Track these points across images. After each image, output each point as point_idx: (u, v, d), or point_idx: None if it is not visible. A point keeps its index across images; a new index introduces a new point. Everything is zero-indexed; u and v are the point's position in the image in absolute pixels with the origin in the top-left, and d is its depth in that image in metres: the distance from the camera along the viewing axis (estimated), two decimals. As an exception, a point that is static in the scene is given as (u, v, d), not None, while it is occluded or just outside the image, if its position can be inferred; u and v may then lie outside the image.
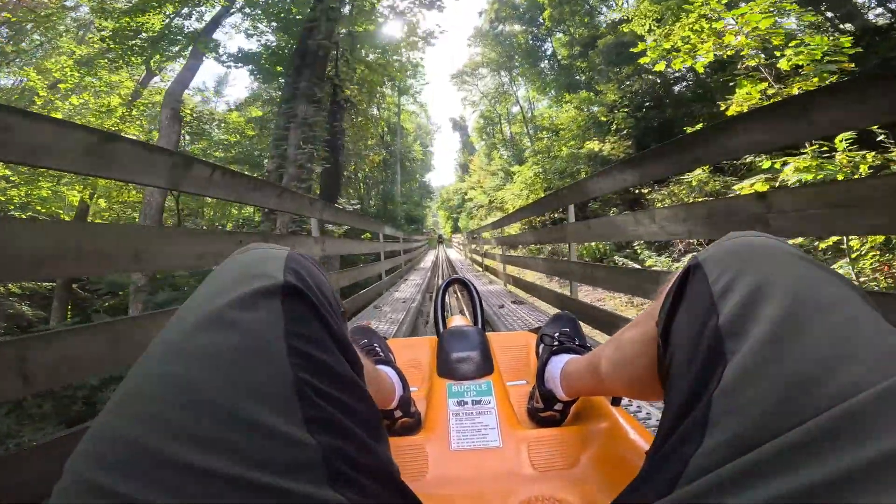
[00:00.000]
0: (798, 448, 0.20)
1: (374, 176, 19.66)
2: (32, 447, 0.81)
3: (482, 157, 25.66)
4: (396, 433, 0.67)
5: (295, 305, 0.29)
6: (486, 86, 24.88)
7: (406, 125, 24.55)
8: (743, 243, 0.32)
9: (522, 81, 21.24)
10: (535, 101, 21.82)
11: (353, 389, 0.30)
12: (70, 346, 0.87)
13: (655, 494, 0.25)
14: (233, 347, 0.26)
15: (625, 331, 0.47)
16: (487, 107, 25.54)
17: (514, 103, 23.26)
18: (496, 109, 25.09)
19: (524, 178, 11.90)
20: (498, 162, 17.96)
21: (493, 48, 21.43)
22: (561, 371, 0.65)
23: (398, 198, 20.53)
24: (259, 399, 0.24)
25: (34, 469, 0.76)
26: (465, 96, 27.39)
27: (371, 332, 0.82)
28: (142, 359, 0.26)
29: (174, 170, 1.24)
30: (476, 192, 22.95)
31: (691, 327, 0.30)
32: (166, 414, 0.23)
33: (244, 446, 0.23)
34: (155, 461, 0.21)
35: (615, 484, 0.52)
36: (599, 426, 0.64)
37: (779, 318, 0.25)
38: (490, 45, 21.67)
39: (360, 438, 0.28)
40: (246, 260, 0.33)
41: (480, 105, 26.06)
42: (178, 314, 0.29)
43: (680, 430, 0.26)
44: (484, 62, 23.30)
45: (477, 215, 20.32)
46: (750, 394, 0.23)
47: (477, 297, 0.97)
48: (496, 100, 24.28)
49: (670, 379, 0.31)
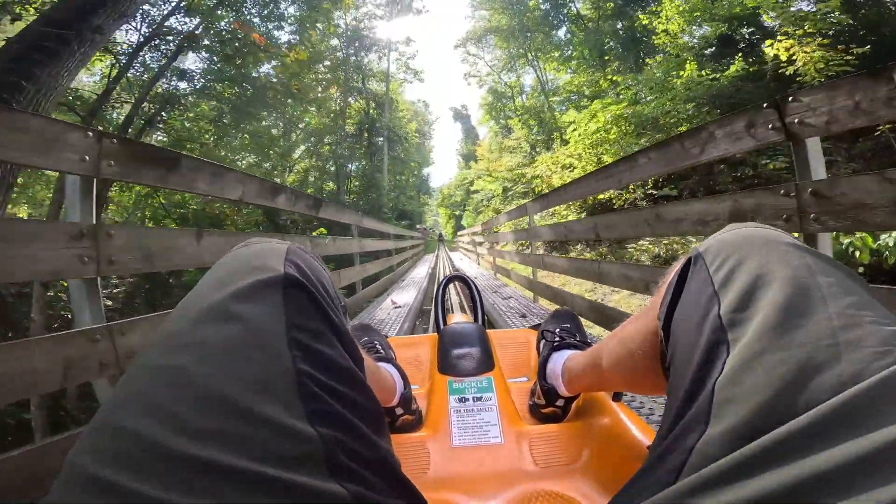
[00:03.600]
0: (801, 436, 0.20)
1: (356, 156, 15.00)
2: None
3: (493, 137, 20.94)
4: (398, 430, 0.67)
5: (295, 298, 0.29)
6: (495, 58, 20.57)
7: (395, 96, 19.75)
8: (743, 234, 0.32)
9: (532, 57, 17.06)
10: (555, 73, 17.52)
11: (354, 382, 0.30)
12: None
13: (659, 485, 0.24)
14: (234, 340, 0.26)
15: (625, 325, 0.47)
16: (496, 80, 21.09)
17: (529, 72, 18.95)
18: (507, 82, 20.65)
19: (588, 131, 7.14)
20: (519, 133, 13.29)
21: (503, 10, 17.15)
22: (562, 367, 0.65)
23: (384, 184, 15.73)
24: (260, 391, 0.24)
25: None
26: (468, 70, 22.93)
27: (371, 330, 0.82)
28: (143, 351, 0.27)
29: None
30: (485, 181, 18.43)
31: (693, 317, 0.30)
32: (168, 407, 0.23)
33: (246, 438, 0.22)
34: (156, 454, 0.21)
35: (617, 479, 0.52)
36: (601, 422, 0.63)
37: (780, 307, 0.25)
38: (498, 6, 17.42)
39: (361, 431, 0.28)
40: (246, 253, 0.33)
41: (488, 80, 21.64)
42: (180, 307, 0.29)
43: (683, 420, 0.26)
44: (493, 28, 19.03)
45: (489, 207, 15.59)
46: (753, 382, 0.23)
47: (477, 293, 0.96)
48: (510, 68, 19.67)
49: (672, 370, 0.31)
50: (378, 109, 17.63)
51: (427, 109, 32.98)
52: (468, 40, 21.33)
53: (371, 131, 16.77)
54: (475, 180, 20.95)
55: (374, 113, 17.38)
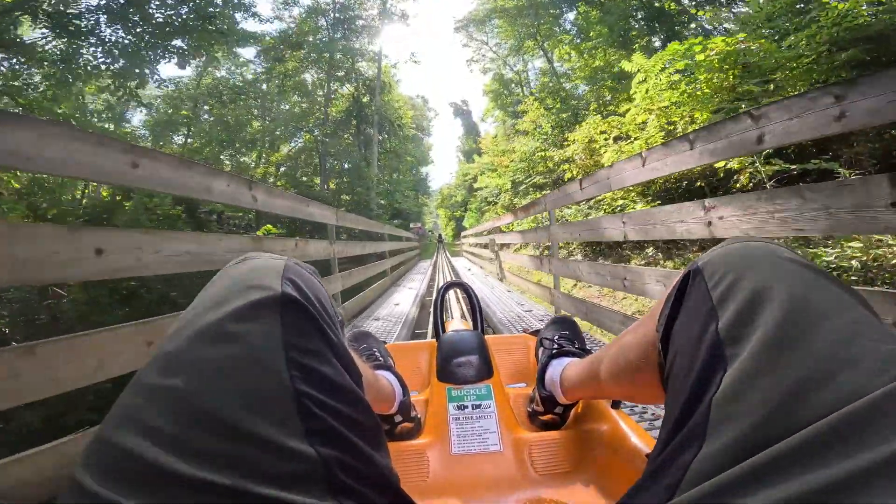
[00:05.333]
0: (798, 453, 0.19)
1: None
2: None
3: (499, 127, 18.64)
4: (397, 438, 0.66)
5: (293, 317, 0.29)
6: (501, 41, 18.38)
7: (388, 80, 17.36)
8: (742, 248, 0.32)
9: (543, 38, 14.94)
10: (565, 58, 15.36)
11: (352, 400, 0.30)
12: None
13: (656, 501, 0.24)
14: (232, 360, 0.26)
15: (625, 334, 0.46)
16: (501, 66, 18.89)
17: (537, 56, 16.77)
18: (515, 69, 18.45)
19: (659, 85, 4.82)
20: (534, 114, 10.96)
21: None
22: (561, 374, 0.64)
23: (373, 177, 13.32)
24: (259, 411, 0.24)
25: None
26: (471, 56, 20.73)
27: (370, 337, 0.81)
28: (141, 371, 0.26)
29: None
30: (489, 176, 16.13)
31: (691, 332, 0.30)
32: (166, 427, 0.23)
33: (245, 459, 0.22)
34: (156, 475, 0.21)
35: (615, 487, 0.52)
36: (600, 429, 0.62)
37: (778, 324, 0.25)
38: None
39: (360, 449, 0.28)
40: (243, 270, 0.32)
41: (492, 67, 19.45)
42: (176, 326, 0.29)
43: (680, 436, 0.26)
44: (498, 8, 16.94)
45: (497, 203, 13.23)
46: (750, 399, 0.23)
47: (476, 300, 0.93)
48: (517, 50, 17.45)
49: (670, 383, 0.31)
50: (369, 95, 15.34)
51: (426, 105, 30.84)
52: (471, 22, 19.28)
53: (360, 117, 14.46)
54: (478, 176, 18.70)
55: (364, 100, 15.11)
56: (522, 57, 18.08)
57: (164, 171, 1.19)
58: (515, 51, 17.55)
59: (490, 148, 18.85)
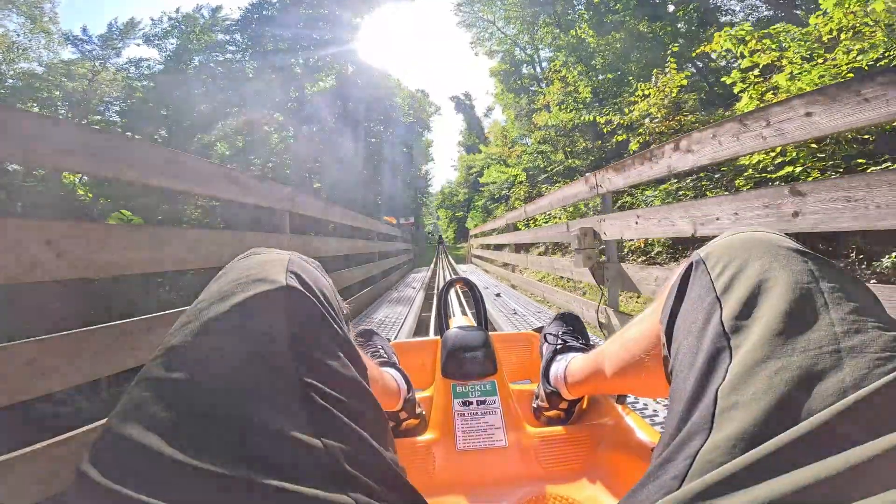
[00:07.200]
0: (804, 442, 0.20)
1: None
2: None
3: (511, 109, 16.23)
4: (402, 434, 0.66)
5: (298, 310, 0.29)
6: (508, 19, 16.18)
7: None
8: (744, 238, 0.31)
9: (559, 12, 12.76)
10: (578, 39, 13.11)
11: (357, 392, 0.30)
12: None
13: (664, 491, 0.24)
14: (237, 353, 0.26)
15: (628, 328, 0.46)
16: (511, 45, 16.61)
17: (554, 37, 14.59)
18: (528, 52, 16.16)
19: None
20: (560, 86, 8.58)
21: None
22: (565, 370, 0.64)
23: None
24: (265, 404, 0.24)
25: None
26: (475, 38, 18.41)
27: (375, 335, 0.81)
28: (148, 364, 0.26)
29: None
30: (498, 169, 13.78)
31: (695, 322, 0.29)
32: (174, 420, 0.23)
33: (251, 450, 0.22)
34: (163, 467, 0.21)
35: (622, 481, 0.52)
36: (605, 424, 0.63)
37: (782, 313, 0.25)
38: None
39: (366, 440, 0.27)
40: (248, 264, 0.32)
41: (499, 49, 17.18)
42: (182, 320, 0.28)
43: (687, 426, 0.25)
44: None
45: (513, 197, 10.80)
46: (755, 388, 0.23)
47: (480, 297, 0.91)
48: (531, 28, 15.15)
49: (675, 375, 0.31)
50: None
51: (427, 99, 28.50)
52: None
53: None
54: (484, 170, 16.34)
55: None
56: (533, 37, 15.82)
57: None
58: (529, 25, 15.22)
59: (499, 135, 16.46)
